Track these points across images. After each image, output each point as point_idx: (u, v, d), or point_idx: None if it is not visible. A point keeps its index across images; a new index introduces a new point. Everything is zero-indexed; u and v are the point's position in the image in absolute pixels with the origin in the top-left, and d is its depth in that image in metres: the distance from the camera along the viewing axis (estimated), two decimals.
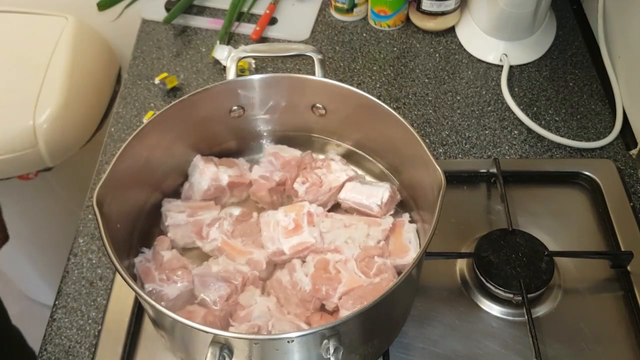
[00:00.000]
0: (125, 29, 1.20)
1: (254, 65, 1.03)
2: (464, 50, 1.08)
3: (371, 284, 0.67)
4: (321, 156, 0.82)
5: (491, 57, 1.05)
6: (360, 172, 0.81)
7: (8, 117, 1.13)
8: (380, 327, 0.66)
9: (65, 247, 0.85)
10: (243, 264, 0.71)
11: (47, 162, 1.17)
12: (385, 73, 1.05)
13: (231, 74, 0.77)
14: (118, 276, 0.79)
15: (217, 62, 1.05)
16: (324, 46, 1.09)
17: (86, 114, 1.23)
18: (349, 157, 0.81)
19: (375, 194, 0.75)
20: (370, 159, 0.81)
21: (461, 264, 0.80)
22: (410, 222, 0.74)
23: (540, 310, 0.76)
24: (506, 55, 1.04)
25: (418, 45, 1.09)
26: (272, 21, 1.13)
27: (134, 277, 0.69)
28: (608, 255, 0.80)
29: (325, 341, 0.55)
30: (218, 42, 1.06)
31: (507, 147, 0.93)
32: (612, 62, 1.00)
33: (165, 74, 1.00)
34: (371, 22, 1.12)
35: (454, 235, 0.82)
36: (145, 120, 0.89)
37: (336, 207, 0.78)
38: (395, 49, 1.09)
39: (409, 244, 0.72)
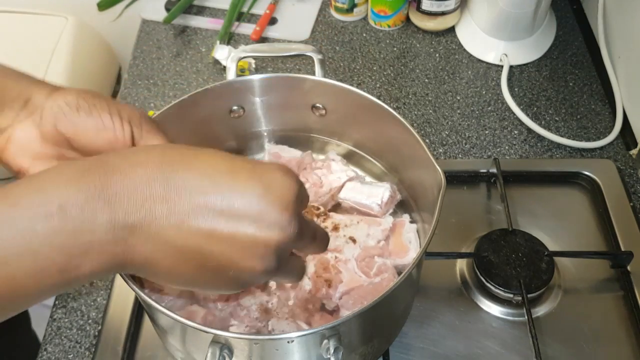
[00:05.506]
0: (125, 29, 1.19)
1: (254, 65, 1.03)
2: (464, 50, 1.08)
3: (371, 283, 0.67)
4: (321, 156, 0.82)
5: (491, 57, 1.05)
6: (360, 172, 0.81)
7: None
8: (380, 327, 0.65)
9: None
10: None
11: None
12: (385, 73, 1.05)
13: (231, 74, 0.77)
14: (118, 276, 0.79)
15: (217, 62, 1.05)
16: (324, 46, 1.09)
17: None
18: (349, 157, 0.81)
19: (375, 193, 0.75)
20: (370, 159, 0.81)
21: (461, 264, 0.80)
22: (411, 222, 0.74)
23: (540, 310, 0.76)
24: (506, 55, 1.04)
25: (418, 45, 1.09)
26: (272, 21, 1.13)
27: (134, 277, 0.69)
28: (608, 255, 0.80)
29: (325, 341, 0.55)
30: (218, 42, 1.06)
31: (507, 147, 0.93)
32: (612, 62, 1.00)
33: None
34: (371, 22, 1.12)
35: (454, 235, 0.82)
36: None
37: (336, 207, 0.78)
38: (395, 49, 1.09)
39: (409, 244, 0.72)
